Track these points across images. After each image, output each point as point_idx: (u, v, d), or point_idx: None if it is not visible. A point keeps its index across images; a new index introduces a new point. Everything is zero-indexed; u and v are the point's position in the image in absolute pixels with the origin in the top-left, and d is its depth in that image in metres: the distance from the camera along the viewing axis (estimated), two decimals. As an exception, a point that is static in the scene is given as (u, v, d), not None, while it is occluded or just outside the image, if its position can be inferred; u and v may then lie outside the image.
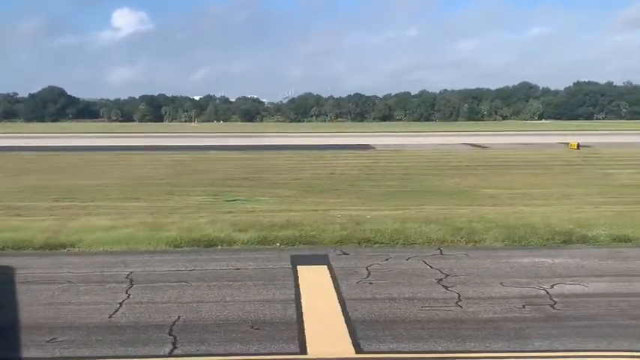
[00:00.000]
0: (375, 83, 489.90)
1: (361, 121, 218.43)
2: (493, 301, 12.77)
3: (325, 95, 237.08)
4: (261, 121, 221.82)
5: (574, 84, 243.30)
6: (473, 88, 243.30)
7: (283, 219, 22.44)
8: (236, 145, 75.48)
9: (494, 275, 14.76)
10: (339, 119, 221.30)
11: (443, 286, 13.86)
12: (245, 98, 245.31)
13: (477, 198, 31.75)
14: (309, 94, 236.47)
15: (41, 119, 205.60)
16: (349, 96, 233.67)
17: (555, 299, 12.84)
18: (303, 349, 10.16)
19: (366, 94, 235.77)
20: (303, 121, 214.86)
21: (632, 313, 11.95)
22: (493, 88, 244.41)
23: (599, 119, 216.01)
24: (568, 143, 68.00)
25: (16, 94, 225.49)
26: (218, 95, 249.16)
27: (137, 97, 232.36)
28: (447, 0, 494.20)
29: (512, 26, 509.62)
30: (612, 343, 10.49)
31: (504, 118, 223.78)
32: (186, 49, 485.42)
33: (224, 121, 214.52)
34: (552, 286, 13.75)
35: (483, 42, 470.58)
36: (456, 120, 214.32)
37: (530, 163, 51.44)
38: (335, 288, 13.62)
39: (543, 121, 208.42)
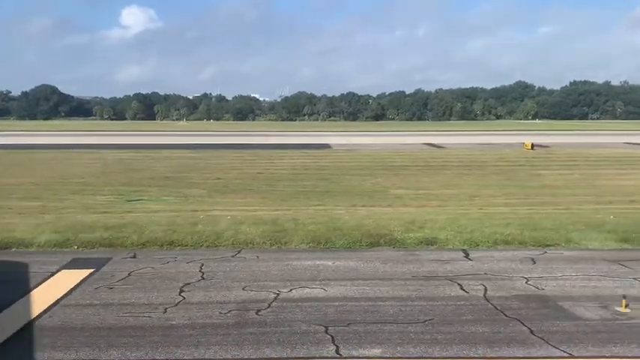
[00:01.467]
0: (382, 83, 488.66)
1: (354, 120, 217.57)
2: (208, 306, 12.43)
3: (319, 94, 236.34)
4: (254, 119, 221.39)
5: (570, 83, 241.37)
6: (467, 87, 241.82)
7: (127, 220, 22.19)
8: (197, 144, 75.29)
9: (250, 279, 14.42)
10: (331, 118, 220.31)
11: (180, 290, 13.53)
12: (241, 96, 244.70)
13: (380, 199, 31.48)
14: (303, 93, 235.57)
15: (33, 117, 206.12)
16: (342, 95, 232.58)
17: (273, 304, 12.49)
18: None
19: (360, 93, 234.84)
20: (295, 120, 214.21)
21: (325, 319, 11.57)
22: (494, 87, 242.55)
23: (594, 119, 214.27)
24: (523, 143, 67.39)
25: (9, 92, 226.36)
26: (214, 94, 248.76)
27: (131, 95, 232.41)
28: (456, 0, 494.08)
29: (519, 27, 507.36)
30: (259, 350, 10.11)
31: (498, 117, 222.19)
32: (190, 48, 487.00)
33: (216, 119, 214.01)
34: (290, 290, 13.42)
35: (490, 42, 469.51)
36: (449, 119, 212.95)
37: (470, 164, 51.01)
38: (66, 293, 13.32)
39: (537, 120, 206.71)
